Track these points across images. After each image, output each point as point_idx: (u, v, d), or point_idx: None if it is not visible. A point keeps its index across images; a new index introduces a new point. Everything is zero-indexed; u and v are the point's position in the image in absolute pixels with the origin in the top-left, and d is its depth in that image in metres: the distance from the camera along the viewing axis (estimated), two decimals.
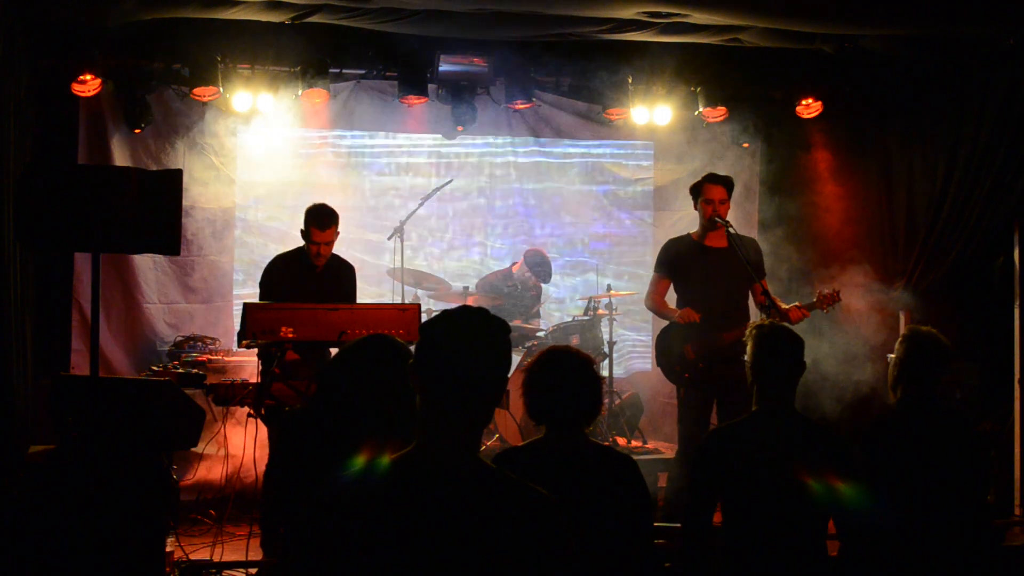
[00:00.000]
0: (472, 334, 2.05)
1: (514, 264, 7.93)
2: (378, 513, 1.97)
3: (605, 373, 7.34)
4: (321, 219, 5.75)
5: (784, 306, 5.65)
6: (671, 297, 6.09)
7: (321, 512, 2.01)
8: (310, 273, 5.85)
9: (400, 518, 1.96)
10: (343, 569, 1.96)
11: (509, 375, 2.10)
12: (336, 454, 2.40)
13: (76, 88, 6.84)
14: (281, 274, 5.88)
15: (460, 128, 8.01)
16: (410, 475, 2.00)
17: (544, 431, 3.25)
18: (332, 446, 2.93)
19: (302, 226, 5.84)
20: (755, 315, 6.02)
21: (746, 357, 3.67)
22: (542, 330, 7.52)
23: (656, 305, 6.03)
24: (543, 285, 8.03)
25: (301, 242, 5.94)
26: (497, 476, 2.05)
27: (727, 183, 5.94)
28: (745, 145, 8.08)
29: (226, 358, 7.06)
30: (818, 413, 6.46)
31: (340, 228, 5.90)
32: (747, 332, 3.72)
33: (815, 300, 5.81)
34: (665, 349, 5.92)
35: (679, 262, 5.93)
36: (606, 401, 7.24)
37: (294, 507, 2.23)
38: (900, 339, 3.89)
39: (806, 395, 6.16)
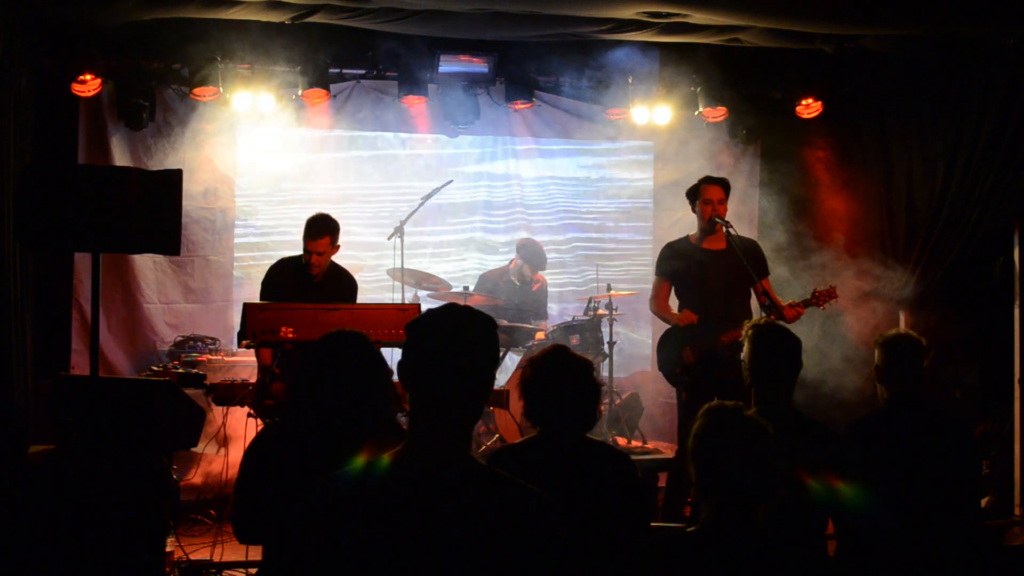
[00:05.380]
0: (457, 329, 2.06)
1: (511, 261, 7.94)
2: (371, 513, 1.97)
3: (605, 373, 7.33)
4: (312, 229, 5.77)
5: (781, 303, 5.66)
6: (674, 300, 6.09)
7: (315, 513, 2.01)
8: (309, 281, 5.84)
9: (393, 517, 1.96)
10: (338, 570, 1.96)
11: (510, 375, 2.11)
12: (321, 459, 2.40)
13: (76, 88, 6.84)
14: (282, 279, 5.88)
15: (460, 128, 8.01)
16: (402, 474, 2.01)
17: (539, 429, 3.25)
18: (316, 453, 2.94)
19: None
20: (758, 316, 6.02)
21: (743, 356, 3.67)
22: (542, 330, 7.51)
23: (659, 309, 6.05)
24: (546, 280, 8.03)
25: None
26: (489, 474, 2.05)
27: (724, 184, 5.94)
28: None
29: (226, 358, 7.06)
30: (819, 415, 6.46)
31: (341, 234, 5.88)
32: (744, 332, 3.72)
33: (810, 297, 5.81)
34: (665, 352, 5.93)
35: (678, 265, 5.93)
36: (606, 401, 7.24)
37: (275, 518, 2.23)
38: (876, 346, 3.91)
39: (806, 396, 6.15)
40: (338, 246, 5.89)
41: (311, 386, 3.19)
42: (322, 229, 5.77)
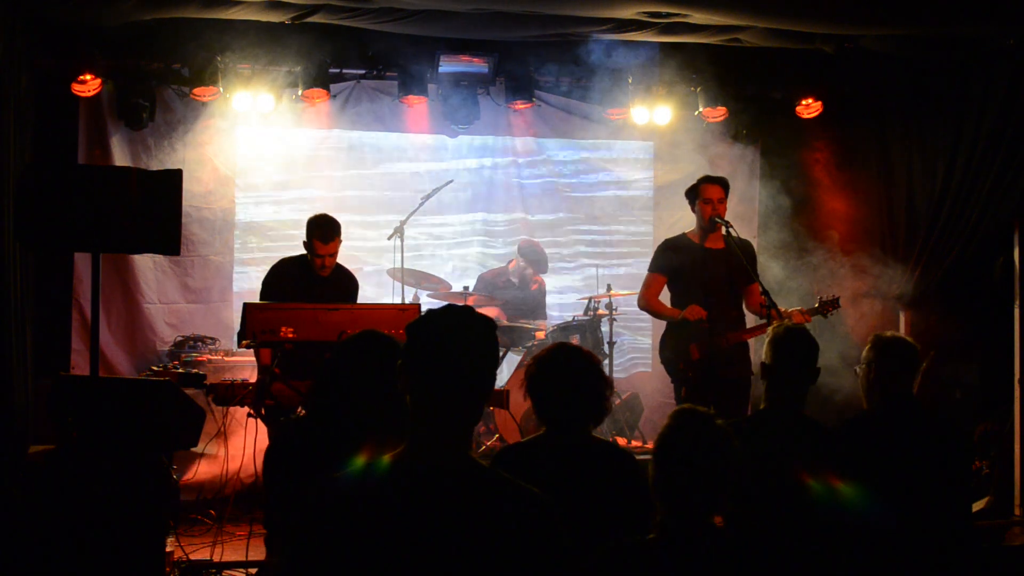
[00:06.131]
0: (458, 330, 2.06)
1: (510, 262, 7.95)
2: (370, 513, 1.97)
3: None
4: (325, 231, 5.73)
5: (787, 310, 5.64)
6: (664, 297, 6.08)
7: (314, 513, 2.01)
8: (315, 278, 5.84)
9: (392, 518, 1.96)
10: (337, 569, 1.96)
11: (509, 375, 2.11)
12: (335, 456, 2.40)
13: (76, 88, 6.84)
14: (286, 279, 5.87)
15: (460, 128, 8.01)
16: (402, 475, 2.01)
17: (545, 428, 3.25)
18: (330, 450, 2.93)
19: (304, 237, 5.81)
20: (751, 318, 6.02)
21: (762, 356, 3.68)
22: (543, 330, 7.52)
23: (651, 304, 6.01)
24: (545, 281, 8.03)
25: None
26: (489, 475, 2.05)
27: (723, 183, 5.94)
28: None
29: (226, 358, 7.06)
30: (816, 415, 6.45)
31: (342, 232, 5.89)
32: (768, 331, 3.74)
33: (817, 306, 5.80)
34: (669, 348, 5.91)
35: (678, 263, 5.92)
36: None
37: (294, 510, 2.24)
38: (867, 347, 3.91)
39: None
40: (341, 241, 5.90)
41: (336, 384, 3.19)
42: (334, 231, 5.76)
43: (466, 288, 7.54)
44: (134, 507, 4.46)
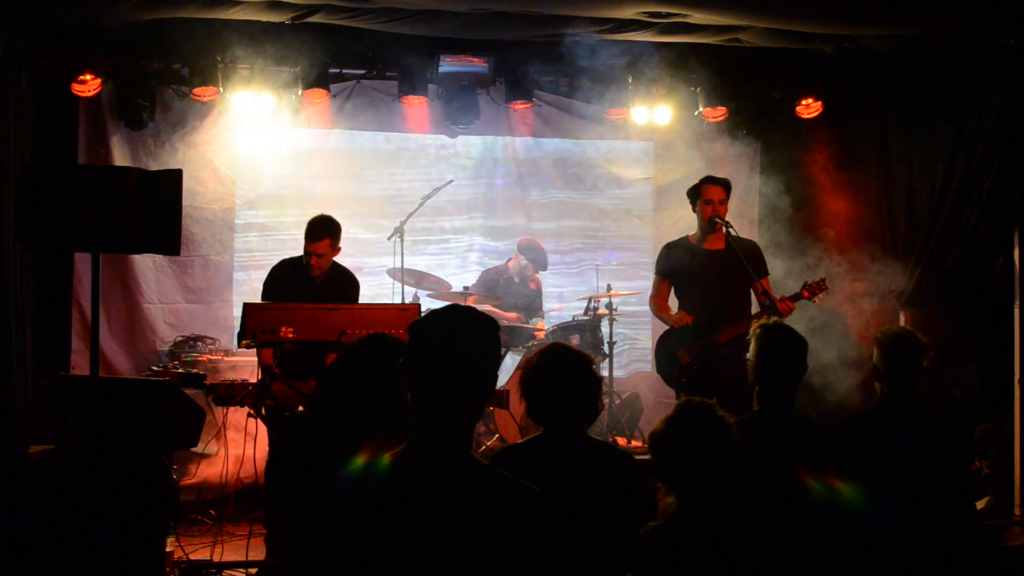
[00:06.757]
0: (461, 331, 2.06)
1: (509, 260, 7.94)
2: (371, 512, 1.97)
3: (605, 373, 7.33)
4: (313, 231, 5.79)
5: (775, 296, 5.65)
6: (673, 300, 6.09)
7: (314, 512, 2.01)
8: (310, 281, 5.85)
9: (393, 517, 1.96)
10: (337, 569, 1.96)
11: (510, 375, 2.11)
12: (338, 456, 2.41)
13: (76, 88, 6.84)
14: (283, 280, 5.89)
15: (460, 128, 8.00)
16: (403, 474, 2.01)
17: (543, 428, 3.26)
18: (334, 449, 2.93)
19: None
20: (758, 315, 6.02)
21: (749, 356, 3.68)
22: (542, 330, 7.52)
23: (657, 308, 6.06)
24: (542, 281, 8.03)
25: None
26: (490, 474, 2.06)
27: (725, 184, 5.94)
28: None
29: (226, 358, 7.06)
30: (818, 414, 6.46)
31: (342, 236, 5.89)
32: (750, 331, 3.73)
33: (800, 290, 5.80)
34: (662, 354, 5.93)
35: (678, 266, 5.93)
36: (606, 401, 7.23)
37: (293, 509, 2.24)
38: (875, 344, 3.90)
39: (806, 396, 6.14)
40: (339, 248, 5.89)
41: (343, 384, 3.19)
42: (322, 231, 5.78)
43: (466, 288, 7.54)
44: (134, 507, 4.47)
